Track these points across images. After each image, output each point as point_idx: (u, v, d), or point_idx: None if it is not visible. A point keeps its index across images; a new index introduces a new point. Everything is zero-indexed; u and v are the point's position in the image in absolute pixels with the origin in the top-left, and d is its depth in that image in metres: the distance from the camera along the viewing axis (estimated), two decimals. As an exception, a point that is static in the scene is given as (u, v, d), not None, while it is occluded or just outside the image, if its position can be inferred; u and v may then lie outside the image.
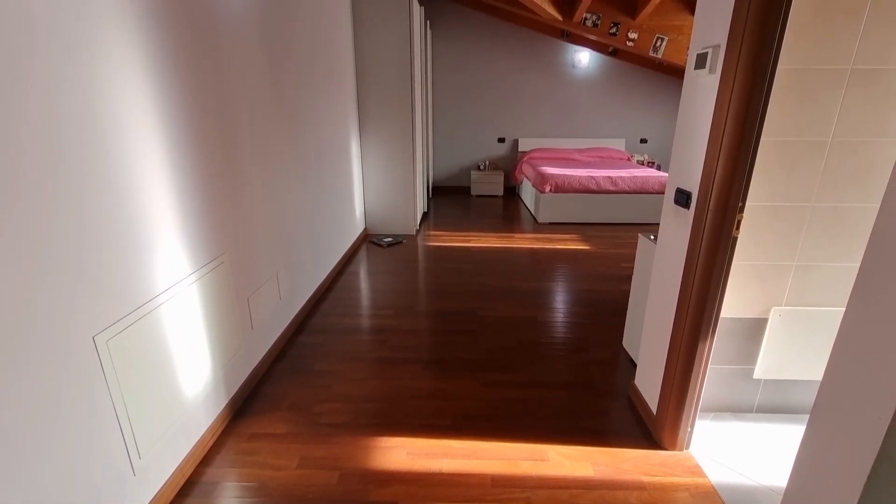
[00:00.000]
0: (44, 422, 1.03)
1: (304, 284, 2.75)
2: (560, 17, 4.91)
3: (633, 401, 1.96)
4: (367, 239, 4.35)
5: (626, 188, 4.92)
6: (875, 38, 1.36)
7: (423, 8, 4.62)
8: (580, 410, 1.91)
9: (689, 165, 1.53)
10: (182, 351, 1.54)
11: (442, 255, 3.92)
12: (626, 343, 2.34)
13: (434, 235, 4.53)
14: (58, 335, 1.06)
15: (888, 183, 0.64)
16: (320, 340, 2.47)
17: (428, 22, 5.34)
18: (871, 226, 1.51)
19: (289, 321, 2.51)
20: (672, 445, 1.67)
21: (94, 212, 1.16)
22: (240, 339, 1.94)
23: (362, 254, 3.94)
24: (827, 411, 0.73)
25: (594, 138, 6.62)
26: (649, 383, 1.83)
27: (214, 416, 1.74)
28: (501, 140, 6.66)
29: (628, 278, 3.34)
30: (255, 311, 2.08)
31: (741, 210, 1.38)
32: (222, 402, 1.81)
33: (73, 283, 1.10)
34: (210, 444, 1.70)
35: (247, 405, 1.93)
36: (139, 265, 1.33)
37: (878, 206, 1.47)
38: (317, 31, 2.91)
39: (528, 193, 5.78)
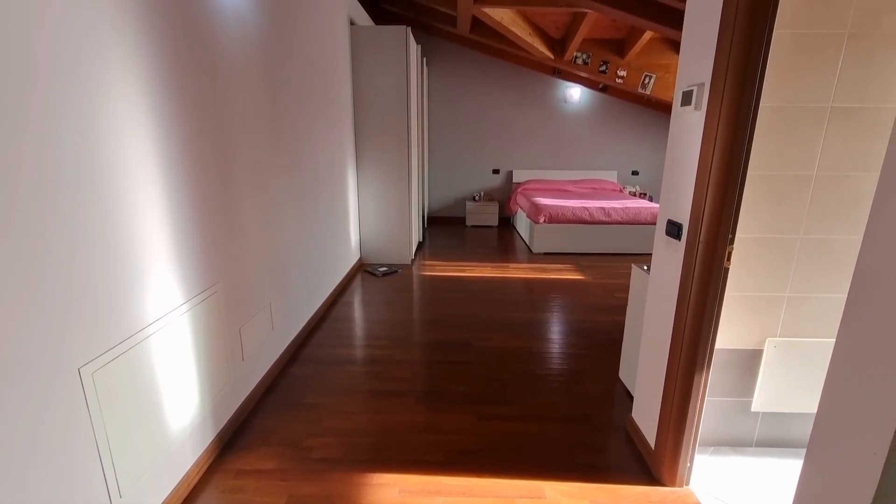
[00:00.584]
0: (22, 457, 0.99)
1: (297, 314, 2.73)
2: (552, 56, 5.10)
3: (631, 435, 1.92)
4: (362, 268, 4.35)
5: (619, 219, 4.98)
6: (851, 79, 1.42)
7: (419, 46, 4.78)
8: (577, 445, 1.87)
9: (679, 198, 1.56)
10: (170, 383, 1.51)
11: (437, 285, 3.91)
12: (622, 375, 2.32)
13: (429, 265, 4.54)
14: (43, 368, 1.04)
15: (868, 216, 0.65)
16: (312, 372, 2.43)
17: (424, 59, 5.51)
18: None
19: (281, 352, 2.47)
20: (672, 481, 1.63)
21: (87, 241, 1.16)
22: (230, 371, 1.90)
23: (357, 283, 3.93)
24: (822, 448, 0.72)
25: (587, 170, 6.75)
26: (647, 417, 1.80)
27: (201, 452, 1.69)
28: (496, 171, 6.77)
29: (623, 308, 3.34)
30: (247, 341, 2.06)
31: (731, 242, 1.39)
32: (209, 437, 1.75)
33: (63, 315, 1.09)
34: (195, 481, 1.64)
35: (235, 439, 1.88)
36: (130, 295, 1.32)
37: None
38: (316, 65, 3.00)
39: (522, 224, 5.83)
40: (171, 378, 1.51)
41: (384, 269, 4.27)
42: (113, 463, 1.25)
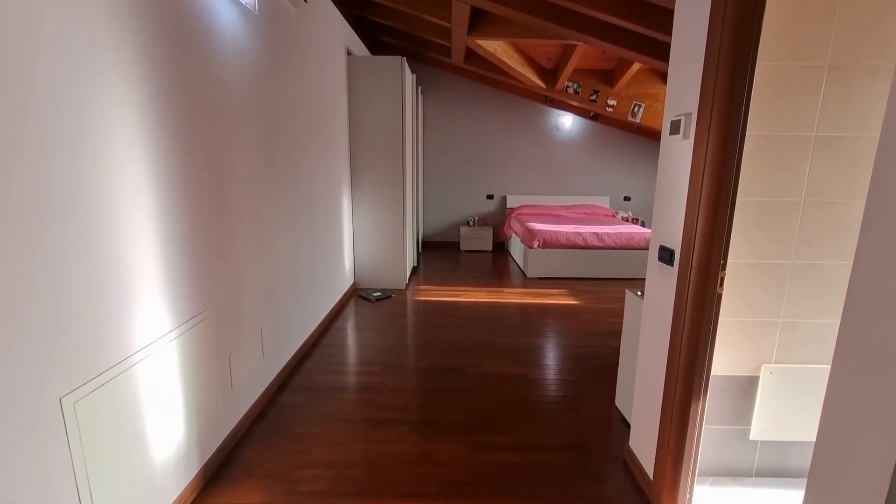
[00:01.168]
0: (-5, 494, 0.95)
1: (288, 340, 2.68)
2: (543, 85, 5.23)
3: (629, 464, 1.88)
4: (356, 293, 4.32)
5: (613, 244, 5.01)
6: (832, 109, 1.46)
7: (414, 75, 4.89)
8: (574, 476, 1.82)
9: (671, 224, 1.57)
10: (154, 413, 1.46)
11: (431, 310, 3.88)
12: (618, 402, 2.29)
13: (423, 290, 4.52)
14: (23, 398, 1.01)
15: (857, 246, 0.66)
16: (303, 400, 2.37)
17: (419, 87, 5.63)
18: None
19: (271, 379, 2.42)
20: (671, 514, 1.58)
21: (75, 267, 1.14)
22: (218, 400, 1.85)
23: (350, 308, 3.89)
24: (822, 483, 0.71)
25: (580, 196, 6.83)
26: (644, 446, 1.77)
27: (185, 485, 1.63)
28: (490, 197, 6.84)
29: (618, 333, 3.32)
30: (236, 369, 2.01)
31: (723, 268, 1.40)
32: (194, 469, 1.69)
33: (47, 343, 1.06)
34: (177, 516, 1.57)
35: (221, 471, 1.81)
36: (117, 322, 1.29)
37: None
38: (313, 93, 3.05)
39: (516, 248, 5.85)
40: (157, 408, 1.47)
41: (378, 293, 4.24)
42: (91, 497, 1.20)
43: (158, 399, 1.48)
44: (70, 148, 1.12)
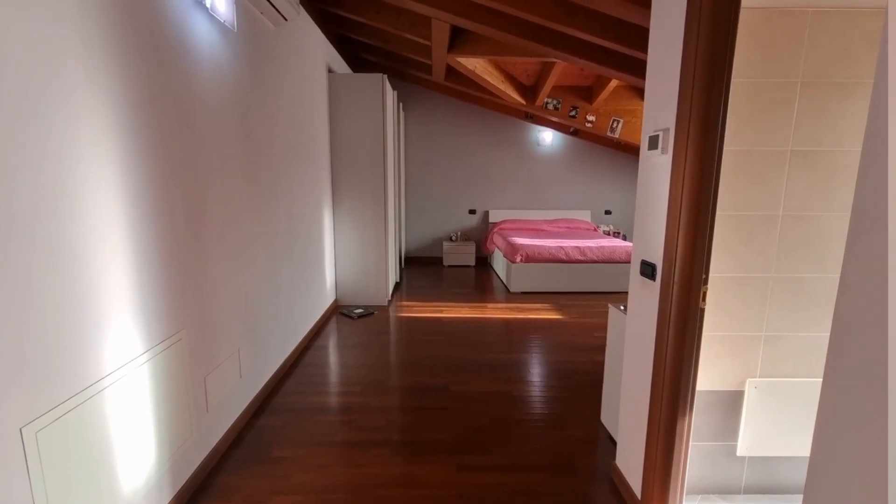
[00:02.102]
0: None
1: (267, 360, 2.60)
2: (523, 102, 5.30)
3: (616, 483, 1.85)
4: (338, 310, 4.24)
5: (595, 258, 5.05)
6: (806, 124, 1.50)
7: (396, 92, 4.91)
8: (561, 497, 1.78)
9: (652, 239, 1.58)
10: (124, 441, 1.38)
11: (414, 327, 3.83)
12: (604, 418, 2.27)
13: (406, 306, 4.46)
14: (-27, 430, 0.93)
15: (842, 265, 0.66)
16: (282, 422, 2.29)
17: (401, 104, 5.65)
18: (830, 295, 1.57)
19: (248, 401, 2.33)
20: (660, 533, 1.56)
21: (40, 288, 1.08)
22: (192, 424, 1.77)
23: (332, 326, 3.81)
24: (817, 501, 0.69)
25: (561, 210, 6.90)
26: (631, 463, 1.74)
27: (154, 518, 1.54)
28: (472, 212, 6.86)
29: (602, 348, 3.31)
30: (212, 391, 1.93)
31: (705, 282, 1.41)
32: (166, 498, 1.60)
33: (8, 369, 0.99)
34: (145, 552, 1.48)
35: (195, 499, 1.72)
36: (85, 345, 1.23)
37: (834, 276, 1.54)
38: (293, 111, 3.02)
39: (499, 263, 5.86)
40: (126, 434, 1.39)
41: (360, 310, 4.18)
42: (49, 537, 1.11)
43: (128, 425, 1.40)
44: (36, 164, 1.07)
